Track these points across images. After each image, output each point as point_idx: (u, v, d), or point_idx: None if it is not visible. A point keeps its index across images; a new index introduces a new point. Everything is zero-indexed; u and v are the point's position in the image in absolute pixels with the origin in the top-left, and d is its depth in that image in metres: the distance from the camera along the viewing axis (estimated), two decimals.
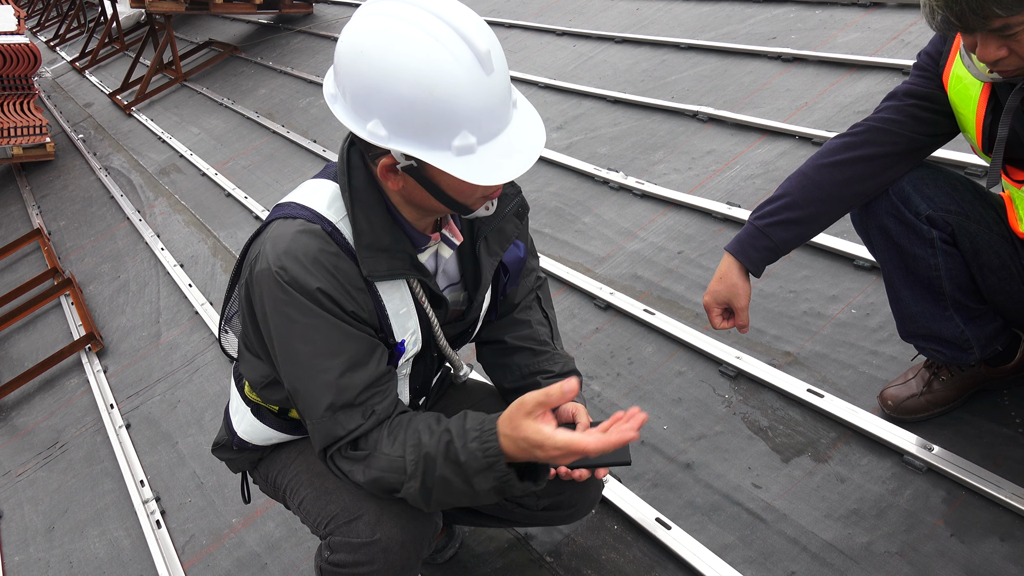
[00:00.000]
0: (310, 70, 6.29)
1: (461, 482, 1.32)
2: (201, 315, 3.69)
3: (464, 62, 1.22)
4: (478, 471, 1.30)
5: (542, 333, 1.72)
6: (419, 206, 1.40)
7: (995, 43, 1.35)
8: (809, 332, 2.33)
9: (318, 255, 1.34)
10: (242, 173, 5.07)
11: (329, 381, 1.36)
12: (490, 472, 1.30)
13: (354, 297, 1.37)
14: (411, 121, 1.23)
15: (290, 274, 1.33)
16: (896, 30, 3.55)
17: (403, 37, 1.21)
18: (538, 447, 1.26)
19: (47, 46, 11.93)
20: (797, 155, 3.06)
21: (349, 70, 1.26)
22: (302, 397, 1.39)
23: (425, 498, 1.36)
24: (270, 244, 1.36)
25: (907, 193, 1.67)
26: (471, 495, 1.34)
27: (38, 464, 3.23)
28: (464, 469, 1.30)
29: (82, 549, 2.70)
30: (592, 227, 3.20)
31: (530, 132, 1.34)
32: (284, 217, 1.41)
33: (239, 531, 2.47)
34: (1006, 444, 1.83)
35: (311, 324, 1.35)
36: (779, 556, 1.81)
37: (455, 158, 1.25)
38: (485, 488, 1.31)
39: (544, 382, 1.65)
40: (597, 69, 4.44)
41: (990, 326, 1.78)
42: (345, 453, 1.38)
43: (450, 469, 1.32)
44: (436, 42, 1.21)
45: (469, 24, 1.24)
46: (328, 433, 1.37)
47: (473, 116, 1.24)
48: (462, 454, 1.30)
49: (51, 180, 6.48)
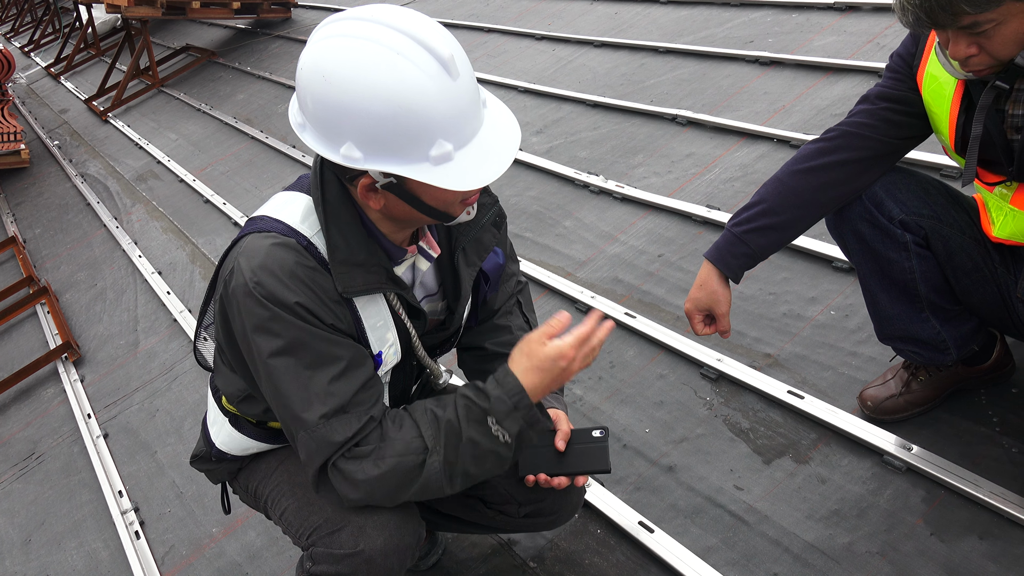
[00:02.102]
0: (289, 75, 6.25)
1: (488, 439, 1.34)
2: (180, 323, 3.65)
3: (429, 71, 1.21)
4: (506, 414, 1.33)
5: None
6: (400, 220, 1.39)
7: (965, 40, 1.37)
8: (789, 334, 2.34)
9: (295, 268, 1.33)
10: (220, 179, 5.03)
11: (318, 391, 1.33)
12: (517, 412, 1.34)
13: (332, 310, 1.36)
14: (385, 138, 1.22)
15: (267, 289, 1.31)
16: (872, 33, 3.58)
17: (364, 55, 1.20)
18: (560, 358, 1.34)
19: (21, 52, 11.79)
20: (775, 158, 3.08)
21: (314, 96, 1.24)
22: (289, 412, 1.35)
23: (449, 473, 1.35)
24: (244, 259, 1.34)
25: (880, 198, 1.69)
26: (496, 455, 1.36)
27: (14, 476, 3.18)
28: (489, 421, 1.34)
29: (59, 562, 2.67)
30: (573, 231, 3.20)
31: (504, 129, 1.33)
32: (258, 231, 1.38)
33: (220, 541, 2.45)
34: (984, 443, 1.85)
35: (294, 338, 1.32)
36: (761, 558, 1.81)
37: (434, 168, 1.24)
38: (513, 431, 1.34)
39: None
40: (576, 73, 4.45)
41: (966, 327, 1.80)
42: (349, 455, 1.34)
43: (475, 428, 1.34)
44: (398, 55, 1.20)
45: (428, 33, 1.23)
46: (325, 441, 1.33)
47: (446, 124, 1.23)
48: (486, 403, 1.34)
49: (26, 187, 6.40)
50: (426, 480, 1.35)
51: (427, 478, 1.35)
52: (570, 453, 1.54)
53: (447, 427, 1.35)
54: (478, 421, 1.34)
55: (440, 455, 1.34)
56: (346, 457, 1.34)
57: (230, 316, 1.38)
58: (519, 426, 1.34)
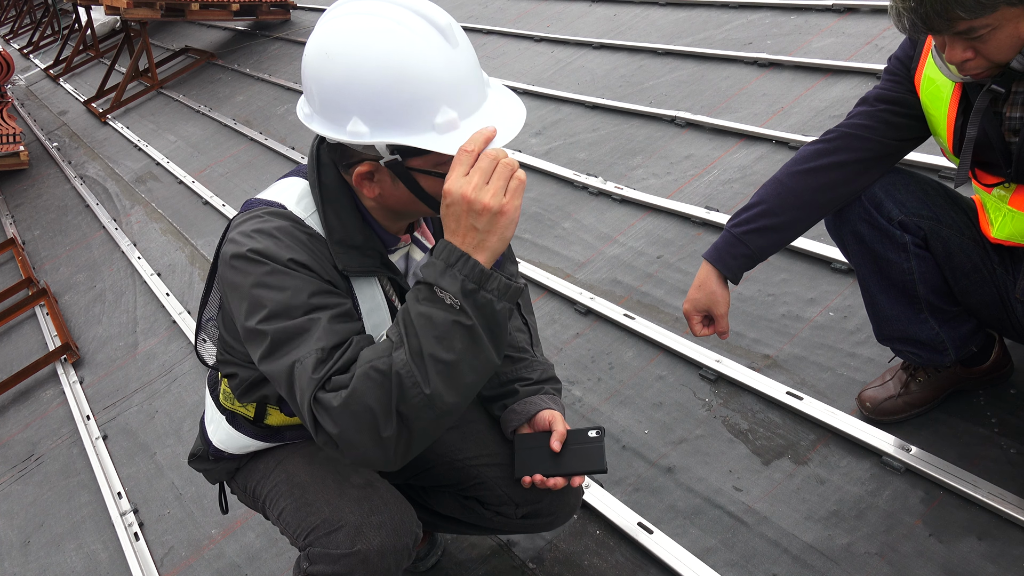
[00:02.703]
0: (287, 77, 6.26)
1: (440, 309, 1.19)
2: (179, 324, 3.65)
3: (429, 38, 1.22)
4: (441, 273, 1.20)
5: (520, 340, 1.71)
6: (394, 210, 1.39)
7: (961, 45, 1.38)
8: (788, 335, 2.35)
9: (291, 229, 1.33)
10: (219, 181, 5.03)
11: (321, 327, 1.25)
12: (452, 269, 1.19)
13: (330, 274, 1.34)
14: (389, 108, 1.22)
15: (263, 246, 1.29)
16: (870, 35, 3.59)
17: (363, 28, 1.22)
18: (465, 199, 1.18)
19: (20, 54, 11.80)
20: (774, 159, 3.08)
21: (318, 77, 1.25)
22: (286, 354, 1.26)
23: (419, 365, 1.19)
24: (238, 231, 1.34)
25: (879, 199, 1.69)
26: (460, 327, 1.19)
27: (13, 477, 3.18)
28: (435, 291, 1.20)
29: (58, 563, 2.67)
30: (572, 232, 3.21)
31: (509, 106, 1.33)
32: (251, 209, 1.40)
33: (219, 542, 2.45)
34: (982, 444, 1.85)
35: (295, 287, 1.27)
36: (761, 558, 1.81)
37: (440, 136, 1.24)
38: (454, 289, 1.19)
39: (522, 389, 1.64)
40: (575, 75, 4.46)
41: (964, 328, 1.80)
42: (329, 385, 1.22)
43: (425, 304, 1.20)
44: (398, 24, 1.21)
45: (424, 4, 1.25)
46: (319, 361, 1.23)
47: (448, 90, 1.24)
48: (427, 275, 1.22)
49: (25, 189, 6.40)
50: (399, 383, 1.18)
51: (400, 380, 1.18)
52: (566, 454, 1.54)
53: (403, 315, 1.23)
54: (426, 298, 1.21)
55: (404, 346, 1.20)
56: (325, 389, 1.22)
57: (229, 286, 1.34)
58: (459, 283, 1.19)
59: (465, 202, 1.19)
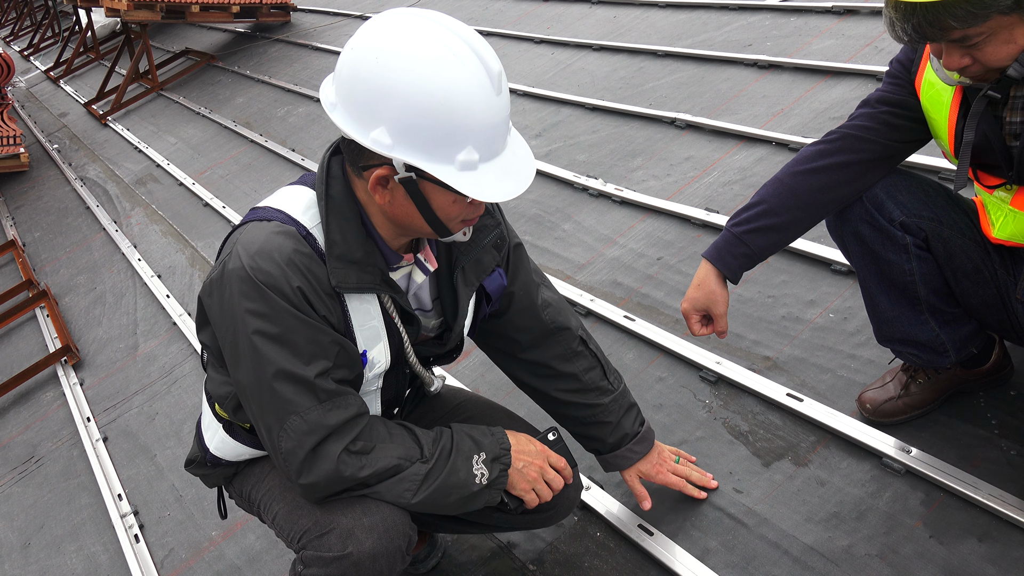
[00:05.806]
0: (288, 79, 6.26)
1: (467, 472, 1.46)
2: (179, 326, 3.65)
3: (479, 79, 1.25)
4: (492, 459, 1.49)
5: (592, 380, 1.78)
6: (399, 224, 1.40)
7: (958, 52, 1.38)
8: (788, 337, 2.35)
9: (292, 256, 1.34)
10: (220, 183, 5.04)
11: (308, 381, 1.35)
12: (498, 463, 1.49)
13: (325, 302, 1.37)
14: (421, 132, 1.24)
15: (264, 272, 1.32)
16: (870, 37, 3.59)
17: (424, 50, 1.23)
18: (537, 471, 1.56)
19: (21, 56, 11.81)
20: (774, 161, 3.08)
21: (360, 74, 1.26)
22: (274, 402, 1.35)
23: (422, 486, 1.43)
24: (242, 245, 1.36)
25: (881, 200, 1.69)
26: (463, 492, 1.46)
27: (13, 479, 3.18)
28: (475, 457, 1.48)
29: (59, 565, 2.67)
30: (572, 234, 3.21)
31: (524, 158, 1.38)
32: (258, 219, 1.41)
33: (219, 544, 2.45)
34: (983, 445, 1.85)
35: (288, 326, 1.33)
36: (761, 560, 1.81)
37: (458, 173, 1.27)
38: (492, 476, 1.48)
39: (599, 433, 1.83)
40: (575, 77, 4.46)
41: (965, 329, 1.80)
42: (354, 448, 1.39)
43: (462, 460, 1.46)
44: (455, 57, 1.23)
45: (483, 45, 1.28)
46: (319, 424, 1.35)
47: (480, 133, 1.27)
48: (482, 438, 1.51)
49: (25, 191, 6.40)
50: (398, 480, 1.43)
51: (400, 479, 1.43)
52: None
53: (443, 448, 1.46)
54: (467, 455, 1.47)
55: (428, 466, 1.43)
56: (349, 451, 1.38)
57: (220, 298, 1.37)
58: (496, 474, 1.48)
59: (534, 466, 1.57)
